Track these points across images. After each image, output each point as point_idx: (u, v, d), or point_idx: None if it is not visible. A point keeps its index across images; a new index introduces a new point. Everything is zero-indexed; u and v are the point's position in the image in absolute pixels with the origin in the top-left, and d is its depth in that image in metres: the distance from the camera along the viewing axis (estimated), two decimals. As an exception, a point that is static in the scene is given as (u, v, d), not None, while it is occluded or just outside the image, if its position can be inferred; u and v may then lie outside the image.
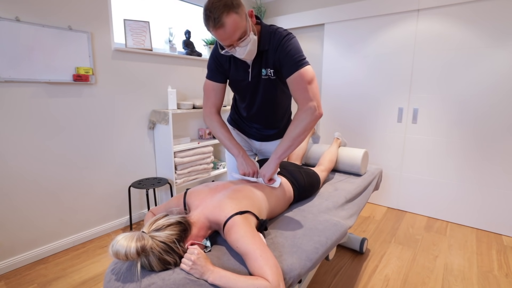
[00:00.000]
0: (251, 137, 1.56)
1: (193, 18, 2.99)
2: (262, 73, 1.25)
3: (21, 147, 1.83)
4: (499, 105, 2.20)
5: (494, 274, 1.82)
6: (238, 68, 1.27)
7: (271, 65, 1.22)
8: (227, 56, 1.26)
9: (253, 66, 1.24)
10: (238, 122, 1.56)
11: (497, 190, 2.29)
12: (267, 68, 1.23)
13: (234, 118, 1.59)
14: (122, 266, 0.86)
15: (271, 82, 1.27)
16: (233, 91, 1.42)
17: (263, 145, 1.57)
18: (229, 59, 1.27)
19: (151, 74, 2.49)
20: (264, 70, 1.24)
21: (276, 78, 1.26)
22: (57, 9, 1.88)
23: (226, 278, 0.81)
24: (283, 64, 1.18)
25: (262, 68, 1.24)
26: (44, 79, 1.86)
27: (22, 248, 1.90)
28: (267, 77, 1.26)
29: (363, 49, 2.78)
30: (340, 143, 2.00)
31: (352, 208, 1.44)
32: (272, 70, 1.23)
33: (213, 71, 1.31)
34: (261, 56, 1.22)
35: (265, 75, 1.25)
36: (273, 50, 1.19)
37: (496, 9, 2.14)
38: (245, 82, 1.29)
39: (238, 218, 0.93)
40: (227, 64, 1.28)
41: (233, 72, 1.29)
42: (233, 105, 1.60)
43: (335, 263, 1.93)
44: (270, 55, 1.20)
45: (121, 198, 2.41)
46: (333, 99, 3.04)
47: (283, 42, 1.16)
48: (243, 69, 1.26)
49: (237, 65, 1.26)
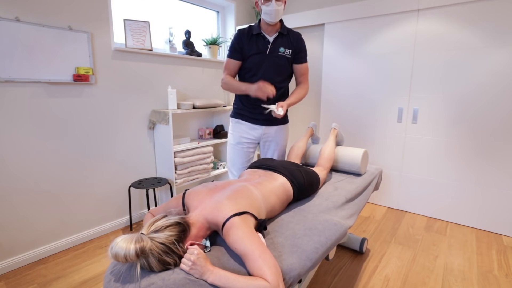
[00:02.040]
0: (256, 122, 1.79)
1: (193, 18, 2.99)
2: (280, 50, 1.68)
3: (21, 147, 1.83)
4: (499, 105, 2.20)
5: (494, 274, 1.81)
6: (258, 44, 1.66)
7: (291, 47, 1.69)
8: (250, 35, 1.66)
9: (273, 43, 1.66)
10: (242, 111, 1.80)
11: (497, 190, 2.29)
12: (287, 48, 1.68)
13: (238, 109, 1.82)
14: (121, 267, 0.86)
15: (286, 59, 1.70)
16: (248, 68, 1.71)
17: (267, 129, 1.81)
18: (251, 37, 1.66)
19: (151, 74, 2.49)
20: (283, 48, 1.68)
21: (290, 57, 1.71)
22: (57, 9, 1.89)
23: (226, 279, 0.81)
24: (299, 52, 1.71)
25: (282, 47, 1.67)
26: (44, 79, 1.86)
27: (22, 248, 1.90)
28: (283, 55, 1.68)
29: (363, 49, 2.78)
30: (337, 134, 1.97)
31: (352, 208, 1.44)
32: (291, 51, 1.70)
33: (234, 51, 1.68)
34: (282, 38, 1.67)
35: (282, 52, 1.68)
36: (294, 38, 1.69)
37: (496, 9, 2.14)
38: (262, 55, 1.66)
39: (236, 219, 0.93)
40: (247, 41, 1.66)
41: (253, 48, 1.66)
42: (236, 99, 1.83)
43: (335, 263, 1.93)
44: (291, 41, 1.69)
45: (121, 198, 2.41)
46: (333, 99, 3.04)
47: (301, 38, 1.72)
48: (262, 45, 1.66)
49: (259, 41, 1.66)
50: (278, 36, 1.66)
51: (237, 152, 1.83)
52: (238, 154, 1.83)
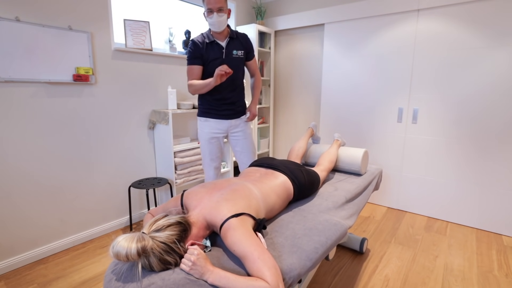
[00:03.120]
0: (223, 117, 1.98)
1: (193, 18, 2.99)
2: (233, 53, 1.90)
3: (21, 147, 1.83)
4: (499, 105, 2.20)
5: (494, 274, 1.82)
6: (214, 49, 1.85)
7: (242, 48, 1.94)
8: (205, 43, 1.83)
9: (226, 48, 1.87)
10: (208, 110, 1.97)
11: (497, 190, 2.29)
12: (239, 50, 1.92)
13: (204, 108, 1.98)
14: (122, 267, 0.86)
15: (240, 59, 1.94)
16: (209, 73, 1.87)
17: (232, 122, 2.01)
18: (207, 45, 1.84)
19: (151, 74, 2.49)
20: (236, 51, 1.90)
21: (243, 57, 1.96)
22: (57, 9, 1.89)
23: (226, 279, 0.81)
24: (250, 51, 1.99)
25: (234, 49, 1.90)
26: (44, 79, 1.86)
27: (22, 248, 1.90)
28: (237, 56, 1.91)
29: (363, 49, 2.78)
30: (340, 144, 2.00)
31: (352, 208, 1.44)
32: (243, 51, 1.94)
33: (195, 58, 1.83)
34: (233, 42, 1.90)
35: (235, 54, 1.90)
36: (243, 40, 1.95)
37: (496, 9, 2.14)
38: (220, 59, 1.86)
39: (234, 221, 0.93)
40: (204, 48, 1.83)
41: (210, 53, 1.84)
42: (202, 100, 1.98)
43: (335, 263, 1.93)
44: (241, 42, 1.93)
45: (121, 198, 2.41)
46: (333, 99, 3.04)
47: (248, 38, 1.99)
48: (218, 50, 1.85)
49: (214, 48, 1.85)
50: (229, 41, 1.88)
51: (212, 146, 2.03)
52: (212, 148, 2.03)
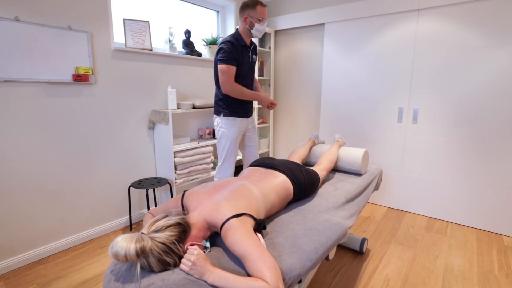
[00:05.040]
0: (246, 115, 2.17)
1: (193, 18, 2.99)
2: (253, 57, 2.15)
3: (21, 147, 1.83)
4: (500, 104, 2.20)
5: (494, 274, 1.81)
6: (244, 53, 2.03)
7: (256, 54, 2.19)
8: (240, 46, 1.99)
9: (250, 53, 2.11)
10: (236, 110, 2.10)
11: (498, 190, 2.29)
12: (254, 55, 2.17)
13: (232, 109, 2.10)
14: (121, 267, 0.86)
15: (255, 63, 2.20)
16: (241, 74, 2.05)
17: (249, 119, 2.24)
18: (241, 48, 2.00)
19: (151, 74, 2.48)
20: (254, 56, 2.17)
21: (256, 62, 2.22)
22: (57, 9, 1.88)
23: (226, 279, 0.80)
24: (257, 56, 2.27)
25: (253, 54, 2.16)
26: (44, 79, 1.86)
27: (22, 248, 1.90)
28: (255, 60, 2.18)
29: (363, 49, 2.78)
30: (340, 145, 2.00)
31: (352, 208, 1.43)
32: (256, 56, 2.19)
33: (234, 59, 1.94)
34: (252, 47, 2.13)
35: (254, 59, 2.17)
36: (255, 46, 2.16)
37: (496, 9, 2.14)
38: (247, 63, 2.08)
39: (234, 221, 0.93)
40: (239, 51, 1.98)
41: (243, 56, 2.02)
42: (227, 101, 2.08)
43: (335, 263, 1.92)
44: (255, 49, 2.17)
45: (121, 198, 2.41)
46: (333, 98, 3.04)
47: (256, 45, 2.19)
48: (246, 54, 2.06)
49: (244, 51, 2.03)
50: (251, 46, 2.11)
51: (237, 144, 2.17)
52: (236, 146, 2.18)
